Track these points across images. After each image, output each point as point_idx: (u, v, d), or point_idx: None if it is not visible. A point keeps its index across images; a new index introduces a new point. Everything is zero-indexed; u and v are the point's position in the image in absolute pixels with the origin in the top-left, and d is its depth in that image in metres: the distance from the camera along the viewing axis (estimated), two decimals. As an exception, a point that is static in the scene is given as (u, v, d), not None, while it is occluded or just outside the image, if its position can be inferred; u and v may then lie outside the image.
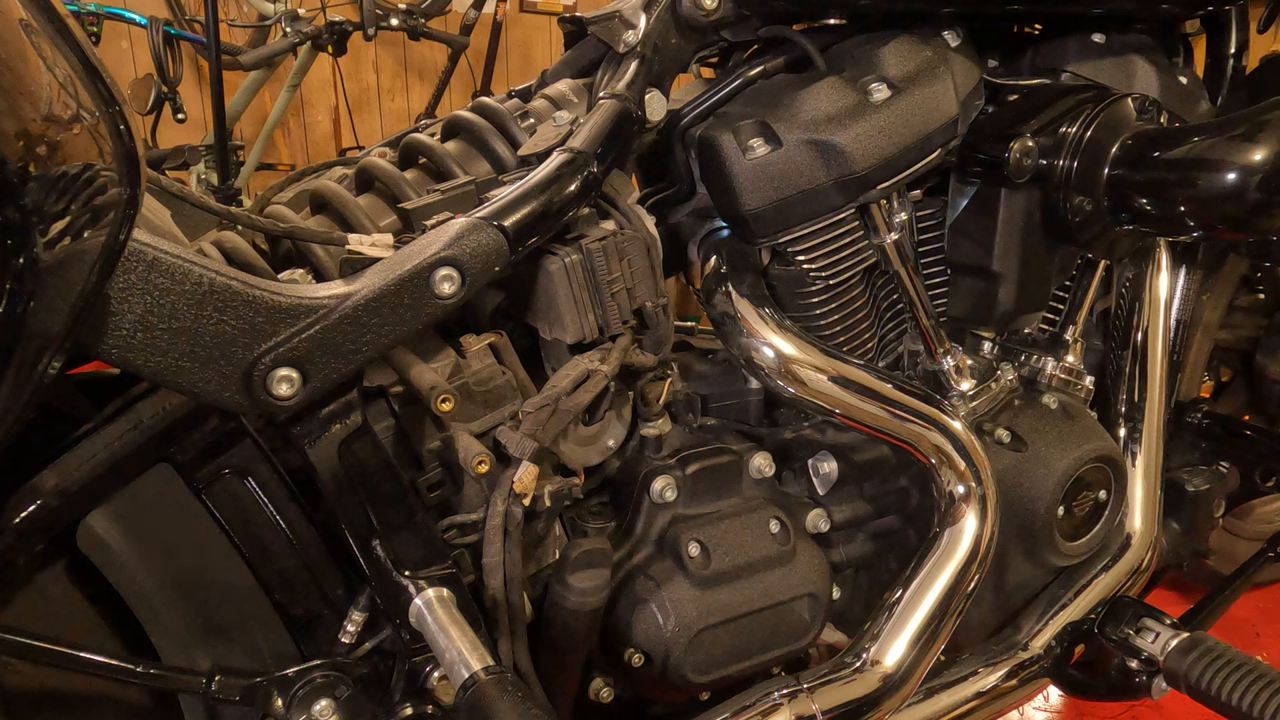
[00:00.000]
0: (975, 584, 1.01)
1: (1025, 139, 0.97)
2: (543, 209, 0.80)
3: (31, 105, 0.51)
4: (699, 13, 0.94)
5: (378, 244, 0.80)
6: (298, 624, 0.81)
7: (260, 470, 0.79)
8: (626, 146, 0.90)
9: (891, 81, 0.95)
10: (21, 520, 0.69)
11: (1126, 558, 1.16)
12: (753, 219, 0.94)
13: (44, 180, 0.51)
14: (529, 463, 0.81)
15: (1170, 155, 0.94)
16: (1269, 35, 1.27)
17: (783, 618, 0.97)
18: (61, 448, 0.73)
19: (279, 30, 2.89)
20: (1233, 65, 1.21)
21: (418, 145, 0.96)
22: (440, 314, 0.75)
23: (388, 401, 0.84)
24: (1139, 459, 1.18)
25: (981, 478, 1.00)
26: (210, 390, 0.68)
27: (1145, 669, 1.08)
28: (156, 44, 2.67)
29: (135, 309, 0.63)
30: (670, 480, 0.94)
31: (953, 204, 1.04)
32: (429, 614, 0.77)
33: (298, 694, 0.76)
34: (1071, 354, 1.13)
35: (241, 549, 0.79)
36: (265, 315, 0.68)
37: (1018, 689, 1.11)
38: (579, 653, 0.90)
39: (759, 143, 0.92)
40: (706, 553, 0.93)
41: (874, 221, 0.99)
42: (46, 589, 0.75)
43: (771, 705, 0.94)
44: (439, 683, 0.82)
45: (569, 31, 1.05)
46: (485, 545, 0.84)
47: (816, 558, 1.00)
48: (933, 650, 1.00)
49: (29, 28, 0.52)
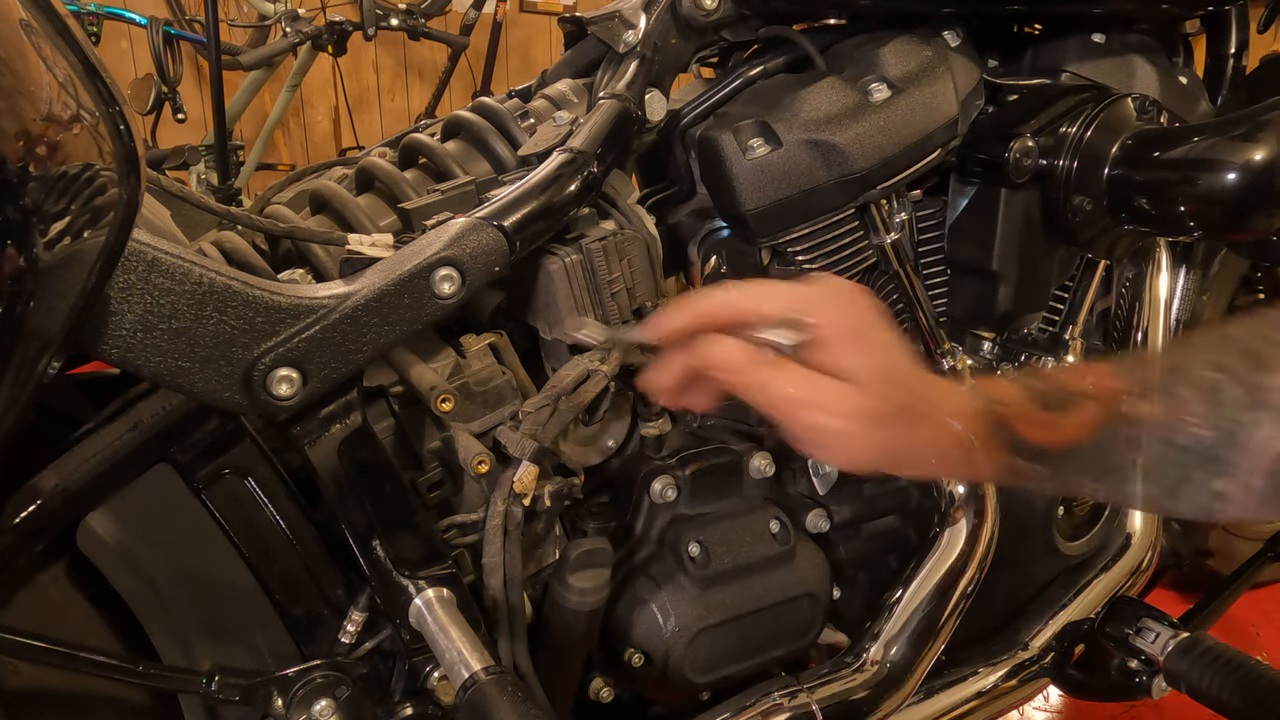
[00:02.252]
0: (975, 584, 1.01)
1: (1025, 139, 0.97)
2: (543, 209, 0.80)
3: (31, 105, 0.51)
4: (699, 13, 0.94)
5: (378, 244, 0.80)
6: (298, 624, 0.81)
7: (260, 470, 0.79)
8: (626, 146, 0.90)
9: (891, 81, 0.95)
10: (21, 520, 0.69)
11: (1126, 558, 1.16)
12: (753, 219, 0.94)
13: (44, 180, 0.51)
14: (529, 463, 0.81)
15: (1170, 155, 0.94)
16: (1269, 35, 1.27)
17: (783, 618, 0.97)
18: (61, 448, 0.73)
19: (279, 30, 2.89)
20: (1233, 65, 1.21)
21: (418, 145, 0.96)
22: (440, 314, 0.75)
23: (388, 401, 0.84)
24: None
25: (981, 478, 1.00)
26: (210, 390, 0.68)
27: (1145, 669, 1.08)
28: (156, 44, 2.67)
29: (135, 309, 0.63)
30: (670, 480, 0.94)
31: (953, 204, 1.04)
32: (429, 614, 0.77)
33: (298, 694, 0.76)
34: (1071, 354, 1.13)
35: (241, 549, 0.79)
36: (265, 315, 0.68)
37: (1018, 689, 1.11)
38: (579, 653, 0.90)
39: (759, 143, 0.92)
40: (706, 553, 0.93)
41: (874, 221, 0.99)
42: (46, 589, 0.75)
43: (771, 705, 0.94)
44: (439, 683, 0.82)
45: (569, 31, 1.05)
46: (485, 545, 0.84)
47: (816, 558, 1.00)
48: (933, 650, 1.00)
49: (29, 28, 0.52)
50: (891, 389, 0.63)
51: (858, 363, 0.63)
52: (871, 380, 0.62)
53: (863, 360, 0.63)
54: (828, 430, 0.63)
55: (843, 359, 0.63)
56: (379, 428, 0.82)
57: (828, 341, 0.64)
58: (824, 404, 0.63)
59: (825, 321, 0.64)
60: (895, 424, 0.63)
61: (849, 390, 0.63)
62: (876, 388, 0.62)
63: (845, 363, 0.63)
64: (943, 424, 0.64)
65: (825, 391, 0.63)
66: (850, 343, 0.63)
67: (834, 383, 0.63)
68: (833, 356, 0.63)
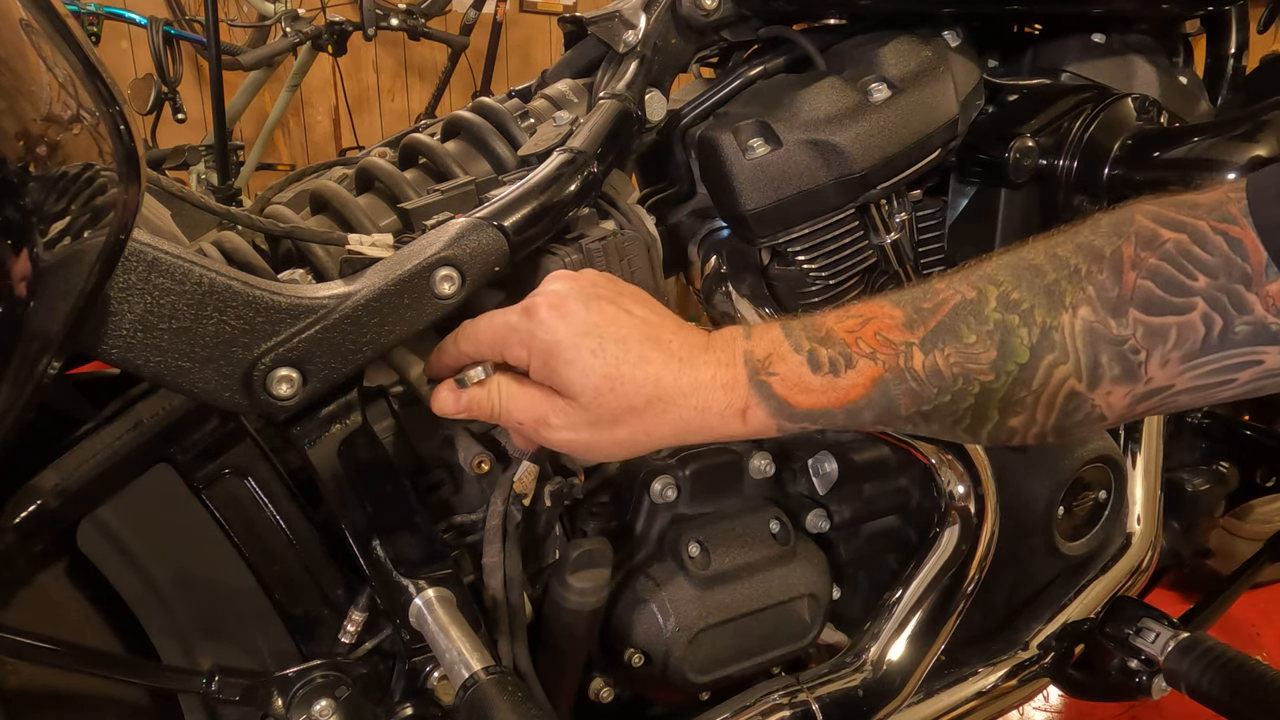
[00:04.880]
0: (975, 584, 1.01)
1: (1025, 139, 0.97)
2: (543, 209, 0.80)
3: (31, 105, 0.51)
4: (699, 13, 0.94)
5: (378, 244, 0.80)
6: (298, 624, 0.81)
7: (260, 470, 0.79)
8: (626, 146, 0.90)
9: (891, 81, 0.95)
10: (21, 520, 0.69)
11: (1126, 558, 1.16)
12: (753, 219, 0.94)
13: (44, 180, 0.51)
14: (529, 463, 0.81)
15: (1170, 155, 0.94)
16: (1269, 35, 1.27)
17: (783, 618, 0.97)
18: (61, 448, 0.73)
19: (279, 30, 2.89)
20: (1233, 65, 1.21)
21: (418, 145, 0.96)
22: (440, 314, 0.75)
23: (388, 401, 0.84)
24: (1139, 459, 1.18)
25: (981, 478, 1.00)
26: (210, 390, 0.68)
27: (1145, 669, 1.08)
28: (156, 44, 2.67)
29: (135, 309, 0.63)
30: (670, 480, 0.94)
31: (953, 204, 1.04)
32: (429, 614, 0.77)
33: (298, 694, 0.76)
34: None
35: (241, 549, 0.79)
36: (265, 315, 0.68)
37: (1018, 689, 1.11)
38: (579, 653, 0.90)
39: (759, 143, 0.92)
40: (706, 553, 0.93)
41: (874, 221, 0.99)
42: (46, 589, 0.75)
43: (771, 705, 0.95)
44: (439, 683, 0.82)
45: (569, 31, 1.05)
46: (485, 545, 0.84)
47: (816, 558, 1.00)
48: (933, 650, 1.00)
49: (29, 28, 0.52)
50: (607, 396, 0.63)
51: (566, 381, 0.64)
52: (583, 393, 0.64)
53: (569, 377, 0.64)
54: (565, 442, 0.67)
55: (552, 379, 0.65)
56: (379, 428, 0.82)
57: (537, 370, 0.66)
58: (550, 420, 0.66)
59: (527, 354, 0.66)
60: (626, 420, 0.64)
61: (567, 406, 0.65)
62: (589, 399, 0.64)
63: (556, 382, 0.65)
64: (690, 402, 0.64)
65: (548, 409, 0.66)
66: (554, 365, 0.65)
67: (554, 400, 0.66)
68: (546, 379, 0.66)
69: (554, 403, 0.66)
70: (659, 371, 0.64)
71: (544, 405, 0.66)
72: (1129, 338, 0.58)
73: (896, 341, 0.62)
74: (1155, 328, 0.57)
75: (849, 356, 0.63)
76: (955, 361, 0.60)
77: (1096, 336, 0.58)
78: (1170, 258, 0.57)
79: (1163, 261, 0.57)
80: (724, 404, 0.64)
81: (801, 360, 0.64)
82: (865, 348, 0.63)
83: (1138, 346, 0.58)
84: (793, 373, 0.63)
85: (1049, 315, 0.59)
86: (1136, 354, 0.58)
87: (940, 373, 0.61)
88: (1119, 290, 0.58)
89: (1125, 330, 0.58)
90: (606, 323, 0.65)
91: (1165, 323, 0.57)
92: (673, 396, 0.64)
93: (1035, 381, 0.59)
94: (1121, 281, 0.58)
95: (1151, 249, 0.58)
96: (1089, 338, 0.59)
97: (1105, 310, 0.58)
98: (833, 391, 0.63)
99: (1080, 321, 0.59)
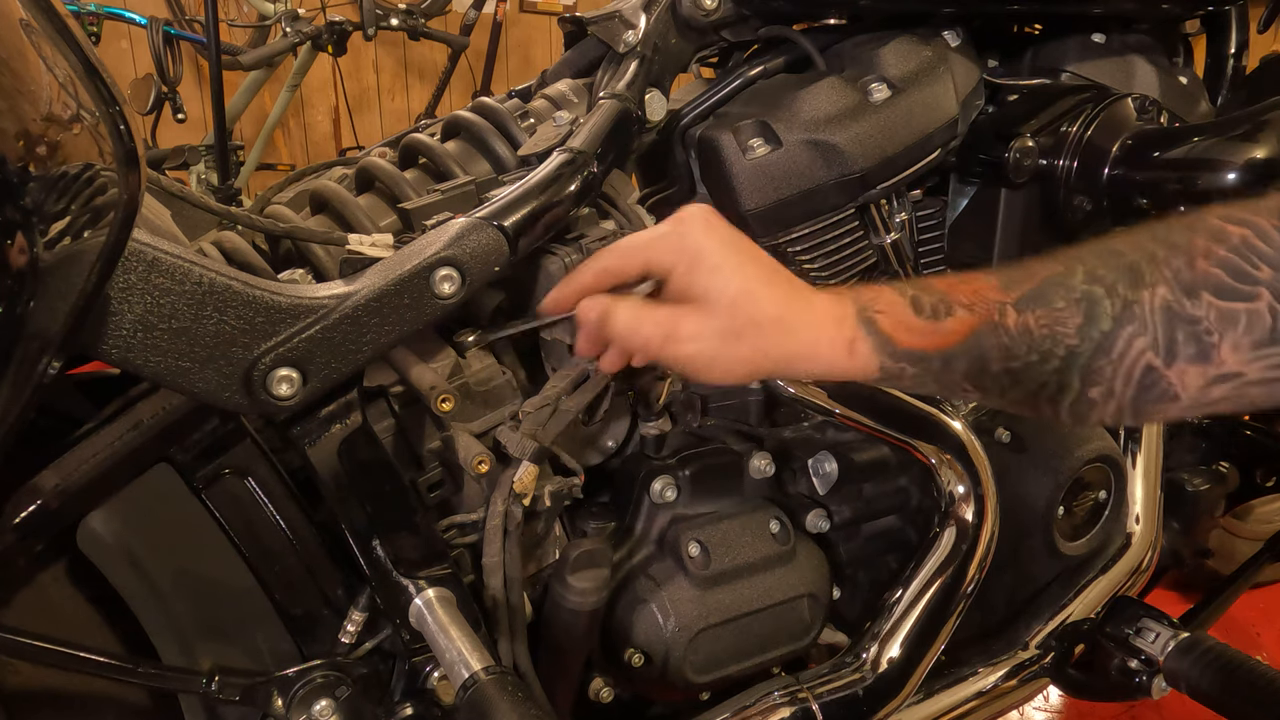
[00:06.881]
0: (975, 584, 1.01)
1: (1025, 139, 0.97)
2: (543, 209, 0.80)
3: (31, 105, 0.51)
4: (699, 13, 0.94)
5: (378, 244, 0.80)
6: (298, 624, 0.81)
7: (260, 470, 0.79)
8: (626, 146, 0.90)
9: (891, 81, 0.95)
10: (21, 520, 0.69)
11: (1126, 558, 1.16)
12: (753, 219, 0.94)
13: (44, 180, 0.51)
14: (529, 463, 0.81)
15: (1170, 155, 0.94)
16: (1269, 35, 1.27)
17: (783, 618, 0.97)
18: (61, 448, 0.73)
19: (279, 30, 2.89)
20: (1233, 65, 1.21)
21: (418, 145, 0.96)
22: (440, 314, 0.75)
23: (388, 401, 0.84)
24: (1139, 459, 1.18)
25: (981, 478, 1.00)
26: (210, 390, 0.68)
27: (1145, 669, 1.08)
28: (156, 44, 2.67)
29: (135, 309, 0.63)
30: (670, 480, 0.94)
31: (953, 204, 1.04)
32: (429, 614, 0.77)
33: (298, 694, 0.76)
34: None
35: (241, 549, 0.79)
36: (265, 315, 0.68)
37: (1018, 689, 1.11)
38: (579, 653, 0.90)
39: (759, 143, 0.92)
40: (706, 553, 0.93)
41: (874, 221, 0.99)
42: (46, 589, 0.75)
43: (771, 705, 0.95)
44: (439, 683, 0.82)
45: (569, 31, 1.05)
46: (485, 545, 0.84)
47: (816, 558, 1.00)
48: (933, 650, 1.00)
49: (29, 28, 0.52)
50: (741, 305, 0.68)
51: (705, 287, 0.68)
52: (720, 300, 0.68)
53: (710, 284, 0.68)
54: (690, 355, 0.69)
55: (692, 287, 0.69)
56: (379, 428, 0.82)
57: (680, 276, 0.69)
58: (680, 332, 0.68)
59: (674, 259, 0.69)
60: (750, 335, 0.68)
61: (701, 314, 0.68)
62: (725, 307, 0.68)
63: (695, 290, 0.69)
64: (806, 330, 0.68)
65: (680, 321, 0.69)
66: (697, 271, 0.69)
67: (688, 311, 0.69)
68: (685, 287, 0.69)
69: (685, 315, 0.69)
70: (786, 294, 0.69)
71: (675, 317, 0.69)
72: (1203, 319, 0.61)
73: (992, 300, 0.66)
74: (1226, 312, 0.60)
75: (949, 305, 0.67)
76: (1044, 324, 0.64)
77: (1173, 314, 0.61)
78: (1237, 249, 0.60)
79: (1230, 253, 0.61)
80: (834, 335, 0.68)
81: (906, 303, 0.68)
82: (965, 299, 0.67)
83: (1211, 329, 0.61)
84: (897, 312, 0.68)
85: (1131, 290, 0.63)
86: (1210, 335, 0.61)
87: (1030, 331, 0.64)
88: (1192, 275, 0.61)
89: (1199, 311, 0.61)
90: (747, 245, 0.71)
91: (1235, 308, 0.60)
92: (793, 320, 0.68)
93: (1115, 350, 0.63)
94: (1194, 268, 0.61)
95: (1220, 242, 0.61)
96: (1166, 314, 0.62)
97: (1181, 291, 0.61)
98: (933, 335, 0.67)
99: (1159, 299, 0.62)
